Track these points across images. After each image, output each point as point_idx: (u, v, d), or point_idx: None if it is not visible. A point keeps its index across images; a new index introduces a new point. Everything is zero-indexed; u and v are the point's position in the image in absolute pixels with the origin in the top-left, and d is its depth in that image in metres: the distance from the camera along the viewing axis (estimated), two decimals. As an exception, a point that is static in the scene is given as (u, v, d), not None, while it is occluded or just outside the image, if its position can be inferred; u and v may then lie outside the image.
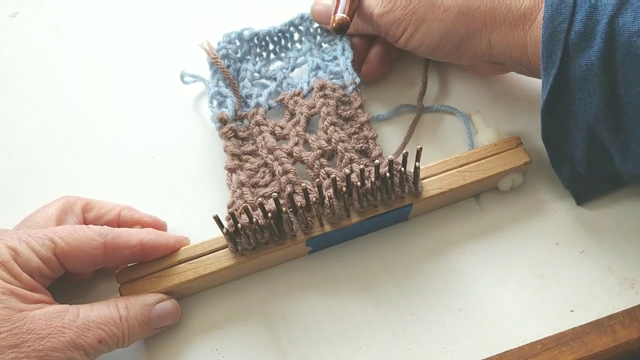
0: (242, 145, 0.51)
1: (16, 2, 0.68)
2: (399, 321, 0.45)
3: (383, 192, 0.45)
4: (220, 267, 0.45)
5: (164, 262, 0.45)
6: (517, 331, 0.44)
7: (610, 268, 0.46)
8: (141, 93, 0.60)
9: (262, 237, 0.44)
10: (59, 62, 0.63)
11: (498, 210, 0.49)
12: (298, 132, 0.51)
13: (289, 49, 0.57)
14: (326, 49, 0.56)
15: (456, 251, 0.48)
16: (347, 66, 0.53)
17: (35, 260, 0.40)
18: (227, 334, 0.46)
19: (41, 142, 0.57)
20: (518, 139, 0.48)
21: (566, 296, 0.45)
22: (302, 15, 0.56)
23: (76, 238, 0.42)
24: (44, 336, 0.37)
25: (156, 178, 0.54)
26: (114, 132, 0.57)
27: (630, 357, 0.44)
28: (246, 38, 0.56)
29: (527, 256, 0.47)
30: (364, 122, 0.50)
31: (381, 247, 0.48)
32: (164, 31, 0.64)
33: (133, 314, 0.42)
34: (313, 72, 0.54)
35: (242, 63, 0.56)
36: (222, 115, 0.51)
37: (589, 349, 0.43)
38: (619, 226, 0.48)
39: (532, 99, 0.54)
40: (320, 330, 0.45)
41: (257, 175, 0.49)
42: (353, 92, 0.52)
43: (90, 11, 0.67)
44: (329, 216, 0.45)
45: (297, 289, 0.47)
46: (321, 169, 0.48)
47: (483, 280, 0.46)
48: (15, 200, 0.54)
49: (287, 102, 0.53)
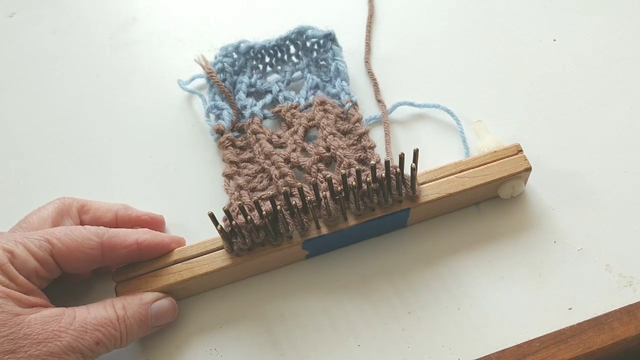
0: (240, 153, 0.52)
1: (14, 3, 0.68)
2: (398, 320, 0.45)
3: (380, 195, 0.45)
4: (216, 267, 0.45)
5: (161, 261, 0.46)
6: (516, 329, 0.44)
7: (608, 266, 0.46)
8: (139, 93, 0.60)
9: (258, 237, 0.44)
10: (57, 62, 0.63)
11: (498, 217, 0.49)
12: (296, 140, 0.51)
13: (285, 62, 0.58)
14: (323, 66, 0.57)
15: (455, 252, 0.47)
16: (343, 87, 0.55)
17: (32, 262, 0.40)
18: (226, 333, 0.46)
19: (39, 143, 0.57)
20: (518, 146, 0.48)
21: (564, 294, 0.45)
22: (299, 30, 0.56)
23: (73, 238, 0.42)
24: (40, 341, 0.37)
25: (154, 178, 0.54)
26: (111, 132, 0.57)
27: (628, 355, 0.44)
28: (242, 51, 0.56)
29: (524, 254, 0.47)
30: (362, 133, 0.52)
31: (379, 252, 0.48)
32: (164, 31, 0.64)
33: (130, 314, 0.42)
34: (312, 90, 0.55)
35: (238, 76, 0.56)
36: (219, 126, 0.53)
37: (587, 347, 0.43)
38: (617, 224, 0.47)
39: (533, 106, 0.54)
40: (319, 330, 0.45)
41: (254, 180, 0.50)
42: (350, 109, 0.53)
43: (90, 11, 0.67)
44: (325, 218, 0.45)
45: (295, 291, 0.47)
46: (318, 173, 0.48)
47: (481, 279, 0.46)
48: (13, 201, 0.54)
49: (285, 114, 0.54)
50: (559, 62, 0.57)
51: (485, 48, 0.59)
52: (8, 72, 0.63)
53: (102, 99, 0.60)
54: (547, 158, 0.51)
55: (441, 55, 0.59)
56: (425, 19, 0.63)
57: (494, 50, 0.59)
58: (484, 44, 0.60)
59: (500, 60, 0.58)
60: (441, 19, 0.62)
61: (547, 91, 0.55)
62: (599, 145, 0.52)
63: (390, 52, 0.60)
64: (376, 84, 0.57)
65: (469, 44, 0.60)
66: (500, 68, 0.57)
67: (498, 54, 0.59)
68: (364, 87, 0.58)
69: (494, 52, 0.59)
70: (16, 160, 0.56)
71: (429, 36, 0.61)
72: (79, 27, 0.65)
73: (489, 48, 0.59)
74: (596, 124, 0.53)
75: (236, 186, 0.50)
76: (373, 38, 0.61)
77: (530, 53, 0.58)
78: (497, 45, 0.59)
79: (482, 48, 0.59)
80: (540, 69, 0.57)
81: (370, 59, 0.60)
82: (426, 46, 0.60)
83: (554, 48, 0.58)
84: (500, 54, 0.59)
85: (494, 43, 0.60)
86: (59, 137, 0.57)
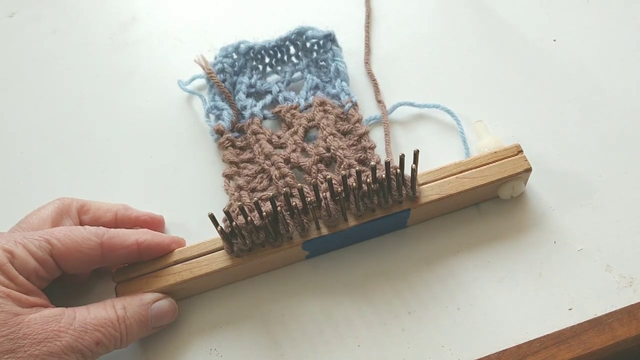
0: (240, 154, 0.52)
1: (14, 3, 0.68)
2: (398, 320, 0.45)
3: (380, 196, 0.45)
4: (216, 268, 0.45)
5: (161, 262, 0.46)
6: (516, 329, 0.44)
7: (609, 266, 0.46)
8: (139, 93, 0.60)
9: (258, 238, 0.44)
10: (57, 62, 0.63)
11: (498, 218, 0.49)
12: (296, 141, 0.51)
13: (285, 63, 0.58)
14: (323, 66, 0.57)
15: (455, 252, 0.47)
16: (343, 87, 0.54)
17: (32, 263, 0.40)
18: (226, 333, 0.46)
19: (39, 143, 0.57)
20: (519, 146, 0.48)
21: (564, 294, 0.45)
22: (299, 30, 0.56)
23: (72, 239, 0.42)
24: (40, 341, 0.37)
25: (154, 178, 0.54)
26: (111, 132, 0.57)
27: (629, 355, 0.44)
28: (242, 51, 0.56)
29: (525, 255, 0.47)
30: (362, 134, 0.52)
31: (379, 252, 0.48)
32: (164, 31, 0.64)
33: (130, 314, 0.42)
34: (312, 90, 0.55)
35: (238, 76, 0.56)
36: (218, 127, 0.53)
37: (587, 347, 0.43)
38: (617, 224, 0.47)
39: (533, 107, 0.54)
40: (319, 331, 0.45)
41: (254, 180, 0.50)
42: (350, 109, 0.53)
43: (90, 11, 0.67)
44: (325, 218, 0.45)
45: (295, 291, 0.47)
46: (319, 173, 0.48)
47: (481, 279, 0.46)
48: (13, 201, 0.54)
49: (284, 115, 0.54)
50: (559, 62, 0.57)
51: (485, 48, 0.59)
52: (8, 72, 0.63)
53: (102, 99, 0.60)
54: (547, 158, 0.51)
55: (441, 55, 0.59)
56: (425, 19, 0.63)
57: (494, 50, 0.59)
58: (484, 44, 0.59)
59: (501, 60, 0.58)
60: (441, 19, 0.62)
61: (547, 91, 0.55)
62: (599, 145, 0.52)
63: (390, 52, 0.60)
64: (376, 85, 0.57)
65: (469, 44, 0.60)
66: (501, 68, 0.57)
67: (498, 53, 0.59)
68: (364, 88, 0.58)
69: (494, 52, 0.59)
70: (16, 160, 0.56)
71: (429, 36, 0.61)
72: (79, 27, 0.65)
73: (489, 48, 0.59)
74: (596, 124, 0.53)
75: (236, 187, 0.50)
76: (373, 38, 0.61)
77: (530, 53, 0.58)
78: (497, 45, 0.59)
79: (482, 48, 0.59)
80: (540, 69, 0.57)
81: (370, 59, 0.60)
82: (426, 46, 0.60)
83: (554, 48, 0.58)
84: (500, 53, 0.59)
85: (494, 43, 0.59)
86: (59, 137, 0.57)
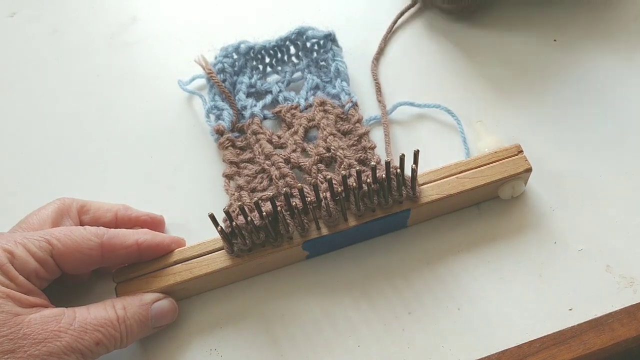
0: (240, 154, 0.52)
1: (14, 3, 0.68)
2: (398, 321, 0.45)
3: (380, 196, 0.45)
4: (217, 268, 0.45)
5: (161, 262, 0.46)
6: (516, 330, 0.44)
7: (609, 266, 0.46)
8: (139, 93, 0.60)
9: (258, 238, 0.44)
10: (57, 62, 0.63)
11: (498, 218, 0.49)
12: (296, 141, 0.51)
13: (285, 63, 0.58)
14: (323, 66, 0.57)
15: (455, 253, 0.47)
16: (343, 87, 0.54)
17: (32, 263, 0.40)
18: (226, 333, 0.46)
19: (39, 143, 0.57)
20: (519, 146, 0.48)
21: (564, 295, 0.45)
22: (299, 30, 0.56)
23: (73, 239, 0.42)
24: (40, 341, 0.37)
25: (154, 178, 0.54)
26: (111, 132, 0.57)
27: (629, 356, 0.44)
28: (242, 51, 0.56)
29: (525, 255, 0.47)
30: (362, 134, 0.52)
31: (380, 252, 0.48)
32: (164, 31, 0.64)
33: (131, 314, 0.42)
34: (312, 90, 0.55)
35: (238, 76, 0.56)
36: (218, 127, 0.53)
37: (587, 348, 0.43)
38: (617, 224, 0.47)
39: (533, 107, 0.54)
40: (319, 331, 0.45)
41: (254, 180, 0.50)
42: (350, 109, 0.53)
43: (90, 11, 0.67)
44: (325, 218, 0.45)
45: (295, 291, 0.47)
46: (319, 173, 0.48)
47: (481, 279, 0.46)
48: (13, 201, 0.54)
49: (285, 115, 0.54)
50: (559, 62, 0.57)
51: (485, 48, 0.59)
52: (8, 71, 0.63)
53: (102, 99, 0.60)
54: (547, 158, 0.51)
55: (441, 55, 0.59)
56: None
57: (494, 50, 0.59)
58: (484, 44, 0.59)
59: (500, 60, 0.58)
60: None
61: (547, 91, 0.55)
62: (599, 145, 0.52)
63: (390, 52, 0.60)
64: (378, 84, 0.57)
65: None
66: (501, 68, 0.57)
67: (498, 53, 0.59)
68: (364, 88, 0.58)
69: (494, 51, 0.59)
70: (16, 160, 0.56)
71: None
72: (79, 27, 0.65)
73: (489, 48, 0.59)
74: (596, 123, 0.53)
75: (236, 187, 0.50)
76: (373, 38, 0.61)
77: (529, 53, 0.58)
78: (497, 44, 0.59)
79: (482, 48, 0.59)
80: (539, 69, 0.57)
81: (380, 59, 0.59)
82: (426, 46, 0.60)
83: (554, 48, 0.58)
84: (500, 53, 0.58)
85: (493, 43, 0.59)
86: (59, 137, 0.57)
